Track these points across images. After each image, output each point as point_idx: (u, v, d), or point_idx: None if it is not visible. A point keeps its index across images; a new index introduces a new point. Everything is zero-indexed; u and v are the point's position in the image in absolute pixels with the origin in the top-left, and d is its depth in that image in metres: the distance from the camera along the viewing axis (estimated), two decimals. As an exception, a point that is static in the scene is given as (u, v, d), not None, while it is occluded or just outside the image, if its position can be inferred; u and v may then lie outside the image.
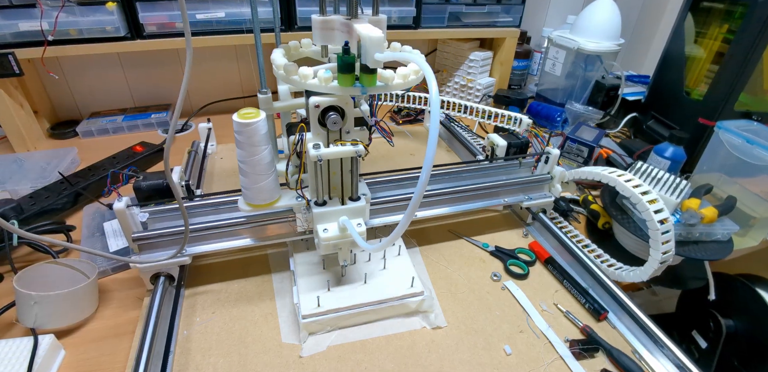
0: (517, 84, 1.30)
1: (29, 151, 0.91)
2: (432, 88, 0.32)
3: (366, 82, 0.41)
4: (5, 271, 0.60)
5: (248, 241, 0.58)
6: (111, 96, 1.08)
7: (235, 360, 0.49)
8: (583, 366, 0.50)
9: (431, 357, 0.51)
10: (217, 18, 0.93)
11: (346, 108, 0.45)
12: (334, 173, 0.50)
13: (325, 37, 0.46)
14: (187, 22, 0.34)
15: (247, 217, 0.56)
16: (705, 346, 0.75)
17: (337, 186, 0.51)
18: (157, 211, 0.56)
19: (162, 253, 0.55)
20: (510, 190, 0.69)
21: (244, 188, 0.50)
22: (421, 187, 0.34)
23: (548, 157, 0.69)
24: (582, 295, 0.58)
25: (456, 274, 0.62)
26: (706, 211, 0.63)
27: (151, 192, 0.58)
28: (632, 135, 1.08)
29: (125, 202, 0.51)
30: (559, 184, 0.70)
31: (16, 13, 0.81)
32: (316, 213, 0.50)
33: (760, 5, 0.75)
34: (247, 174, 0.49)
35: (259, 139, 0.46)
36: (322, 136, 0.47)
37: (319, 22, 0.45)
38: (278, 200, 0.52)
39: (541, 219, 0.70)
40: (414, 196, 0.34)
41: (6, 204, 0.65)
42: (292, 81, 0.44)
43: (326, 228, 0.50)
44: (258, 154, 0.47)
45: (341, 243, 0.51)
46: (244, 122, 0.45)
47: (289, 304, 0.56)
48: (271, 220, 0.57)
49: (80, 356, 0.50)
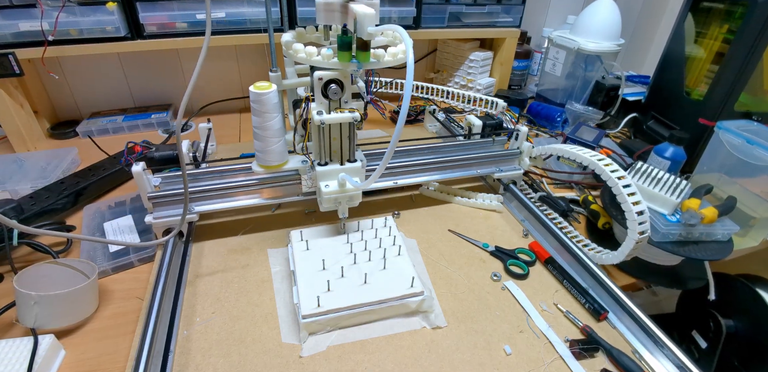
0: (517, 84, 1.30)
1: (29, 151, 0.91)
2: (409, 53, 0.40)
3: (361, 57, 0.48)
4: (5, 271, 0.60)
5: (246, 201, 0.67)
6: (111, 96, 1.08)
7: (235, 360, 0.49)
8: (583, 366, 0.50)
9: (431, 357, 0.51)
10: (217, 18, 0.93)
11: (345, 81, 0.54)
12: (335, 139, 0.58)
13: (327, 18, 0.53)
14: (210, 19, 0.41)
15: (259, 179, 0.66)
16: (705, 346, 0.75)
17: (337, 150, 0.59)
18: (168, 177, 0.65)
19: (172, 211, 0.64)
20: (483, 162, 0.78)
21: (258, 151, 0.59)
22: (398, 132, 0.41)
23: (518, 134, 0.77)
24: (582, 295, 0.58)
25: (456, 274, 0.62)
26: (706, 212, 0.63)
27: (162, 161, 0.69)
28: (632, 135, 1.08)
29: (142, 165, 0.60)
30: (527, 158, 0.78)
31: (16, 13, 0.81)
32: (319, 171, 0.59)
33: (760, 5, 0.75)
34: (260, 138, 0.58)
35: (270, 107, 0.55)
36: (324, 106, 0.55)
37: (322, 4, 0.53)
38: (286, 163, 0.62)
39: (512, 190, 0.77)
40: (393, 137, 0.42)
41: (6, 204, 0.65)
42: (300, 58, 0.52)
43: (328, 184, 0.59)
44: (270, 120, 0.56)
45: (341, 197, 0.59)
46: (259, 92, 0.54)
47: (289, 304, 0.56)
48: (279, 183, 0.67)
49: (80, 356, 0.50)
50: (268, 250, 0.66)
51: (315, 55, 0.51)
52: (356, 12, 0.46)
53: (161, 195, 0.62)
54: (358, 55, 0.48)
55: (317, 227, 0.65)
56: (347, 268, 0.58)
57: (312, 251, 0.60)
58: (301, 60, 0.52)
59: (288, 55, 0.54)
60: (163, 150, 0.69)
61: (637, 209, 0.55)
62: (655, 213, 0.66)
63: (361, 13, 0.45)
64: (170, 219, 0.63)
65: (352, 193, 0.59)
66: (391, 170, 0.72)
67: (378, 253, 0.60)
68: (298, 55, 0.52)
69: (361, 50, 0.47)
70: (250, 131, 1.05)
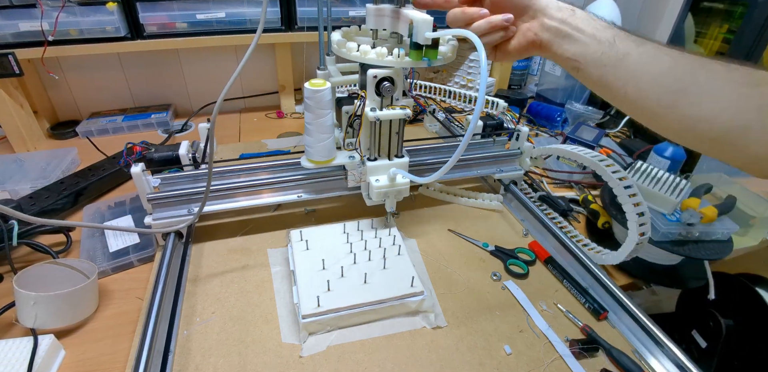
0: (517, 84, 1.30)
1: (29, 151, 0.91)
2: (482, 56, 0.41)
3: (431, 55, 0.50)
4: (5, 271, 0.60)
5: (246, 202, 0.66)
6: (111, 96, 1.08)
7: (235, 360, 0.49)
8: (583, 366, 0.50)
9: (431, 357, 0.51)
10: (217, 18, 0.93)
11: (397, 79, 0.55)
12: (384, 134, 0.60)
13: (378, 22, 0.55)
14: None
15: (306, 174, 0.67)
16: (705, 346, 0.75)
17: (385, 146, 0.62)
18: (167, 178, 0.64)
19: (172, 212, 0.63)
20: (484, 162, 0.78)
21: (308, 147, 0.60)
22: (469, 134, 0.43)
23: (518, 135, 0.77)
24: (582, 295, 0.58)
25: (456, 274, 0.62)
26: (705, 211, 0.63)
27: (162, 162, 0.68)
28: (632, 135, 1.08)
29: (141, 167, 0.59)
30: (528, 159, 0.78)
31: (16, 13, 0.81)
32: (369, 166, 0.61)
33: (760, 5, 0.75)
34: (312, 133, 0.58)
35: (324, 104, 0.56)
36: (377, 103, 0.57)
37: (374, 9, 0.55)
38: (334, 159, 0.63)
39: (513, 190, 0.77)
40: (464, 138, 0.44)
41: (6, 204, 0.65)
42: (354, 56, 0.53)
43: (378, 179, 0.61)
44: (323, 116, 0.57)
45: (390, 191, 0.62)
46: (314, 89, 0.54)
47: (289, 304, 0.56)
48: (326, 178, 0.68)
49: (80, 356, 0.50)
50: (268, 250, 0.66)
51: (369, 53, 0.52)
52: (413, 18, 0.47)
53: (161, 196, 0.62)
54: (428, 53, 0.50)
55: (317, 227, 0.65)
56: (347, 267, 0.58)
57: (312, 251, 0.60)
58: (355, 58, 0.53)
59: (340, 53, 0.55)
60: (162, 151, 0.68)
61: (638, 210, 0.55)
62: (654, 212, 0.66)
63: (419, 19, 0.47)
64: (170, 220, 0.63)
65: (401, 188, 0.61)
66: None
67: (378, 252, 0.60)
68: (351, 53, 0.53)
69: (431, 49, 0.49)
70: (250, 131, 1.06)
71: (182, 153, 0.67)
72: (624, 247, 0.58)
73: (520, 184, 0.81)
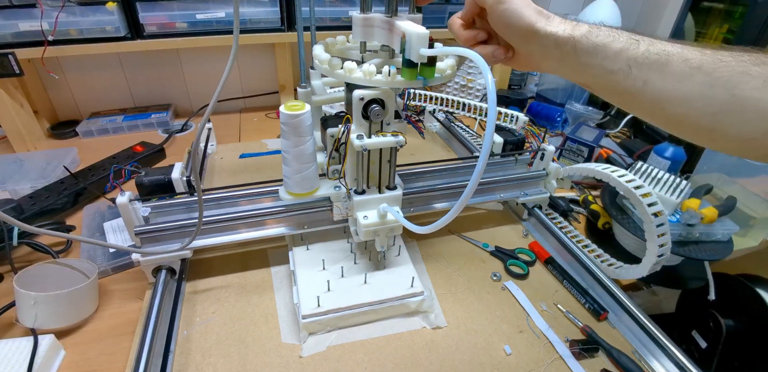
0: (517, 84, 1.30)
1: (29, 151, 0.91)
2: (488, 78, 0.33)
3: (427, 74, 0.42)
4: (5, 271, 0.60)
5: (249, 235, 0.59)
6: (111, 96, 1.08)
7: (235, 360, 0.49)
8: (583, 366, 0.50)
9: (431, 357, 0.51)
10: (217, 18, 0.93)
11: (388, 101, 0.47)
12: (373, 163, 0.52)
13: (366, 34, 0.47)
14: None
15: (286, 206, 0.59)
16: (705, 346, 0.75)
17: (375, 176, 0.53)
18: (159, 206, 0.57)
19: (164, 246, 0.56)
20: (506, 185, 0.70)
21: (287, 177, 0.53)
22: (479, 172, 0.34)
23: (543, 154, 0.70)
24: (582, 295, 0.58)
25: (456, 274, 0.62)
26: (706, 211, 0.63)
27: (153, 187, 0.60)
28: (632, 135, 1.08)
29: (128, 196, 0.53)
30: (554, 181, 0.71)
31: (16, 13, 0.81)
32: (356, 201, 0.52)
33: (760, 5, 0.75)
34: (290, 163, 0.51)
35: (304, 130, 0.49)
36: (365, 128, 0.49)
37: (361, 19, 0.46)
38: (317, 190, 0.55)
39: (537, 214, 0.71)
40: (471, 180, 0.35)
41: (6, 204, 0.65)
42: (337, 75, 0.46)
43: (366, 215, 0.52)
44: (303, 144, 0.50)
45: (380, 229, 0.53)
46: (291, 114, 0.47)
47: (289, 304, 0.56)
48: (308, 210, 0.60)
49: (80, 356, 0.50)
50: (268, 250, 0.66)
51: (355, 71, 0.44)
52: (406, 31, 0.40)
53: (151, 230, 0.55)
54: (423, 71, 0.42)
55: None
56: (347, 268, 0.58)
57: (312, 251, 0.60)
58: (339, 77, 0.46)
59: (322, 70, 0.47)
60: (153, 174, 0.60)
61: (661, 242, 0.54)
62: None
63: (412, 33, 0.39)
64: (161, 256, 0.55)
65: (393, 225, 0.53)
66: (406, 196, 0.64)
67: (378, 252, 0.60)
68: (335, 71, 0.46)
69: (427, 66, 0.42)
70: (250, 131, 1.06)
71: (175, 177, 0.61)
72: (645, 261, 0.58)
73: (545, 207, 0.73)
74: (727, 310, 0.72)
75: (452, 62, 0.46)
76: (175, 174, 0.61)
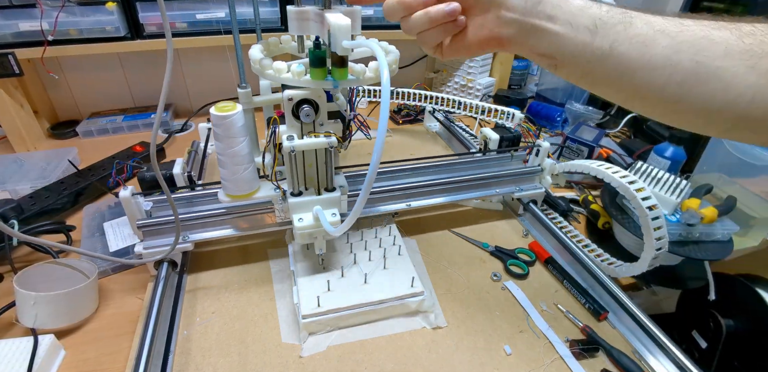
0: (517, 84, 1.30)
1: (29, 151, 0.91)
2: (384, 75, 0.33)
3: (337, 75, 0.41)
4: (5, 271, 0.60)
5: (244, 230, 0.61)
6: (111, 96, 1.08)
7: (235, 360, 0.49)
8: (583, 366, 0.50)
9: (431, 357, 0.51)
10: (217, 18, 0.93)
11: (319, 101, 0.47)
12: (311, 165, 0.51)
13: (301, 28, 0.46)
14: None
15: (227, 208, 0.58)
16: (705, 346, 0.75)
17: (314, 177, 0.52)
18: (161, 200, 0.58)
19: (166, 239, 0.57)
20: (502, 181, 0.72)
21: (224, 180, 0.52)
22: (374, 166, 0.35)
23: (539, 150, 0.71)
24: (582, 295, 0.58)
25: (456, 274, 0.62)
26: (706, 211, 0.63)
27: (154, 182, 0.61)
28: (632, 135, 1.08)
29: (130, 190, 0.54)
30: (549, 176, 0.73)
31: (16, 13, 0.81)
32: (291, 203, 0.52)
33: (760, 5, 0.75)
34: (226, 165, 0.50)
35: (235, 131, 0.47)
36: (296, 129, 0.48)
37: (294, 12, 0.45)
38: (257, 191, 0.54)
39: (532, 209, 0.72)
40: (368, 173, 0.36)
41: (6, 204, 0.65)
42: (267, 75, 0.45)
43: (301, 217, 0.52)
44: (235, 145, 0.48)
45: (316, 232, 0.52)
46: (220, 115, 0.46)
47: (289, 304, 0.56)
48: (250, 211, 0.59)
49: (80, 356, 0.50)
50: (268, 250, 0.66)
51: (285, 71, 0.44)
52: (329, 23, 0.39)
53: (153, 223, 0.56)
54: (334, 72, 0.42)
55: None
56: (347, 268, 0.58)
57: (312, 251, 0.60)
58: (269, 77, 0.45)
59: (255, 70, 0.47)
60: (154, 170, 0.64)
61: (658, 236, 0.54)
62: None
63: (334, 25, 0.38)
64: (163, 248, 0.56)
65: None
66: (404, 191, 0.67)
67: (378, 252, 0.60)
68: (265, 71, 0.45)
69: (337, 66, 0.41)
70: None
71: (176, 172, 0.63)
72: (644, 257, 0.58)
73: (540, 203, 0.75)
74: (727, 310, 0.72)
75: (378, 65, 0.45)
76: (176, 170, 0.62)
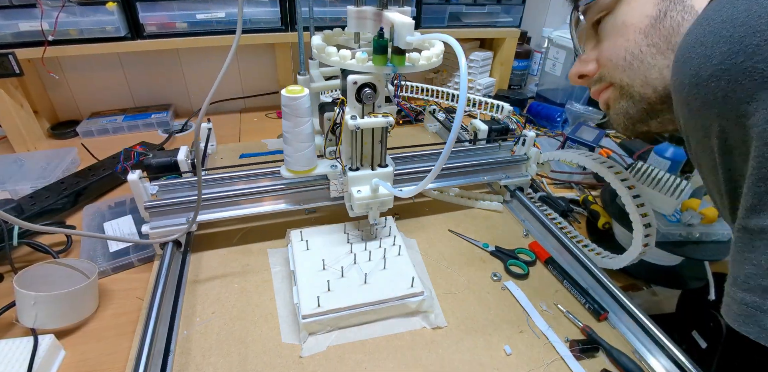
0: (518, 84, 1.30)
1: (29, 151, 0.91)
2: (461, 62, 0.39)
3: (396, 61, 0.47)
4: (5, 271, 0.60)
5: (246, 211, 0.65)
6: (111, 96, 1.08)
7: (235, 360, 0.49)
8: (583, 366, 0.50)
9: (431, 357, 0.51)
10: (217, 18, 0.93)
11: (379, 85, 0.52)
12: (366, 143, 0.57)
13: (359, 25, 0.54)
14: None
15: (287, 184, 0.65)
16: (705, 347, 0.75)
17: (368, 155, 0.58)
18: (166, 185, 0.63)
19: (170, 220, 0.62)
20: (490, 168, 0.76)
21: (287, 156, 0.58)
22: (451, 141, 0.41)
23: (525, 140, 0.75)
24: (582, 295, 0.58)
25: (456, 274, 0.62)
26: (706, 211, 0.63)
27: (160, 168, 0.66)
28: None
29: (138, 174, 0.58)
30: (534, 164, 0.76)
31: (16, 13, 0.81)
32: (351, 176, 0.58)
33: (760, 5, 0.75)
34: (290, 142, 0.56)
35: (302, 112, 0.53)
36: (358, 110, 0.54)
37: (355, 12, 0.53)
38: (315, 168, 0.60)
39: (519, 196, 0.75)
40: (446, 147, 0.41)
41: (6, 204, 0.65)
42: (333, 61, 0.50)
43: (360, 190, 0.58)
44: (302, 125, 0.54)
45: (372, 203, 0.58)
46: (291, 96, 0.52)
47: (289, 304, 0.56)
48: (307, 188, 0.66)
49: (80, 356, 0.50)
50: (268, 250, 0.66)
51: (349, 58, 0.49)
52: (393, 21, 0.45)
53: (159, 204, 0.60)
54: (394, 59, 0.47)
55: (317, 227, 0.65)
56: (347, 268, 0.58)
57: (312, 251, 0.60)
58: (335, 63, 0.50)
59: (320, 58, 0.52)
60: (160, 156, 0.67)
61: (645, 221, 0.55)
62: (655, 213, 0.66)
63: (398, 22, 0.44)
64: (168, 229, 0.61)
65: (384, 199, 0.58)
66: (396, 177, 0.69)
67: (378, 253, 0.60)
68: (331, 58, 0.50)
69: (397, 54, 0.47)
70: (250, 131, 1.06)
71: (180, 159, 0.66)
72: (627, 255, 0.58)
73: (526, 190, 0.79)
74: (727, 310, 0.73)
75: (430, 54, 0.50)
76: (180, 156, 0.67)
